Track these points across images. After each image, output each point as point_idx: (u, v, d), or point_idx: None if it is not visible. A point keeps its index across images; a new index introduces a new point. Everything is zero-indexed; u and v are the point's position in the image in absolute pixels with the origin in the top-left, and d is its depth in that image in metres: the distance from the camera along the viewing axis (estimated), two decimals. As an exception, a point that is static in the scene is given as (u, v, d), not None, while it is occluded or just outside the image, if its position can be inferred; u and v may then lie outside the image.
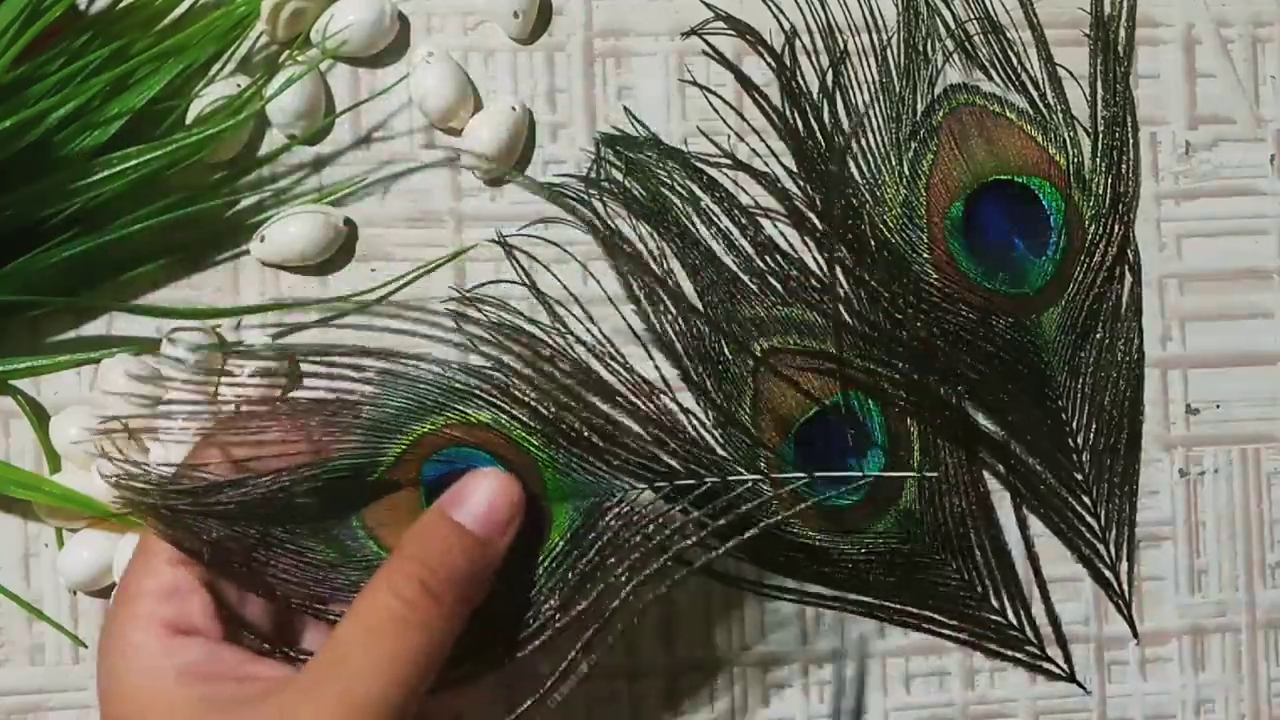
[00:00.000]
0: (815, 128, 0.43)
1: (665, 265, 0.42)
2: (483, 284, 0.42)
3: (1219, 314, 0.44)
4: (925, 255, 0.42)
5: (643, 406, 0.40)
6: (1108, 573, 0.44)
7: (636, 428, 0.36)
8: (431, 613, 0.31)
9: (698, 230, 0.42)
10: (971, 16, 0.43)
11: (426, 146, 0.42)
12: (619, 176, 0.42)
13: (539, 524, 0.36)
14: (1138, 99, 0.44)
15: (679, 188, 0.42)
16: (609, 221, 0.42)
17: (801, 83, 0.43)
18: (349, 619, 0.32)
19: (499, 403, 0.36)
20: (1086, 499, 0.43)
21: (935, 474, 0.41)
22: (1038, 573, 0.43)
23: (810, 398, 0.41)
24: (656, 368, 0.41)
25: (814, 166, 0.42)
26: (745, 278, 0.42)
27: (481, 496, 0.34)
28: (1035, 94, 0.43)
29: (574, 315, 0.42)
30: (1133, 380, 0.44)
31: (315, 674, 0.31)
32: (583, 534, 0.36)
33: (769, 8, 0.43)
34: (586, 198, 0.42)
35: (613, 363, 0.41)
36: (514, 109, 0.41)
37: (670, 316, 0.41)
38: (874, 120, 0.43)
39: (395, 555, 0.33)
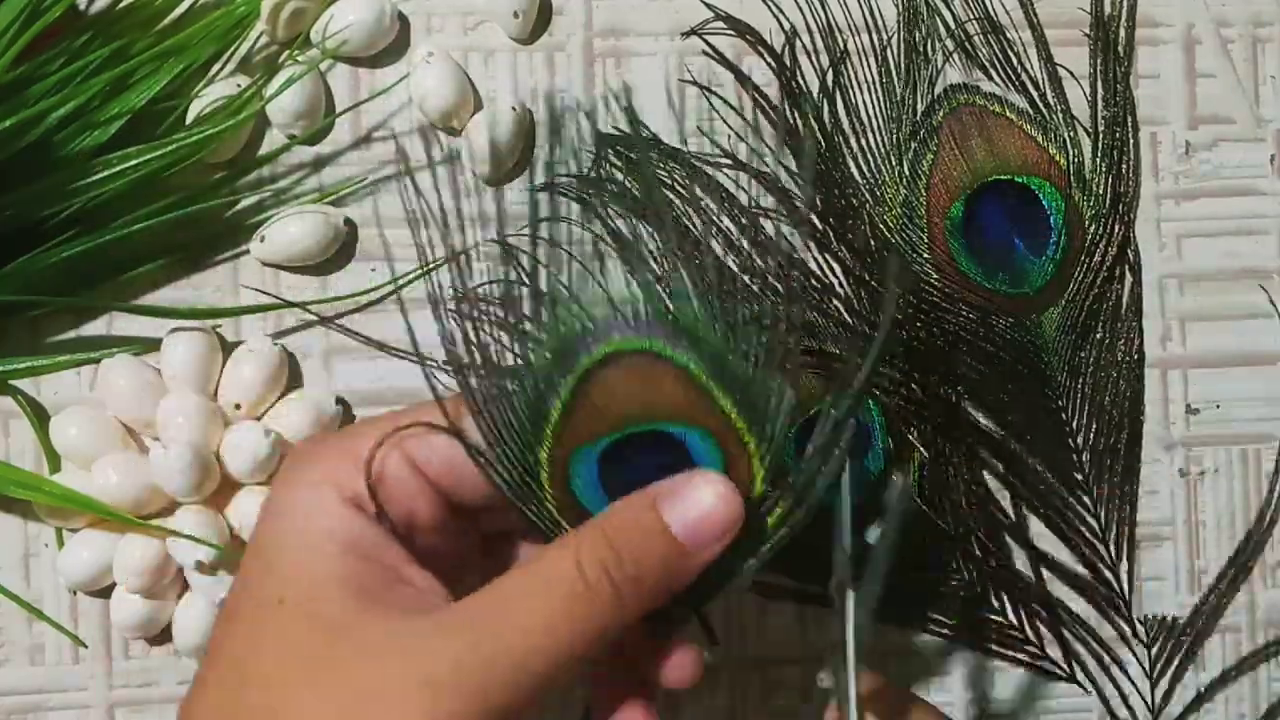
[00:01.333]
0: (815, 128, 0.43)
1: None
2: (482, 284, 0.42)
3: (1219, 314, 0.44)
4: (925, 255, 0.43)
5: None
6: (1108, 572, 0.44)
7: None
8: (606, 604, 0.29)
9: (698, 230, 0.42)
10: (971, 16, 0.43)
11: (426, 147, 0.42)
12: (619, 176, 0.42)
13: None
14: (1138, 99, 0.44)
15: (679, 188, 0.42)
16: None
17: (801, 83, 0.43)
18: (525, 569, 0.30)
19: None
20: (1086, 499, 0.43)
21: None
22: (1038, 573, 0.43)
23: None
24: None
25: (814, 166, 0.42)
26: (745, 278, 0.42)
27: (702, 504, 0.30)
28: (1035, 94, 0.43)
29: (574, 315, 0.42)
30: (1133, 380, 0.44)
31: (470, 611, 0.29)
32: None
33: (769, 8, 0.43)
34: (587, 197, 0.42)
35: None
36: (514, 109, 0.41)
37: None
38: (874, 120, 0.43)
39: (594, 527, 0.30)
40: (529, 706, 0.28)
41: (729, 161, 0.42)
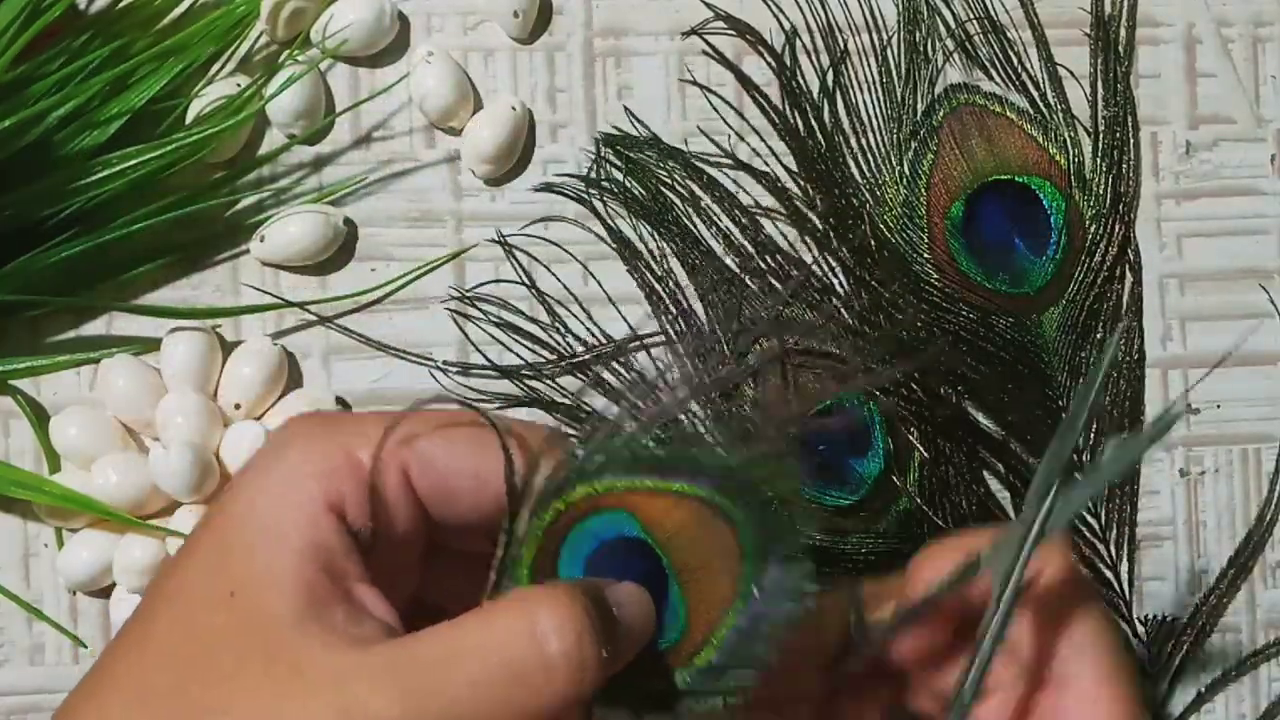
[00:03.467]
0: (815, 127, 0.43)
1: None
2: (483, 284, 0.42)
3: (1219, 314, 0.44)
4: (925, 255, 0.42)
5: (643, 406, 0.40)
6: (1108, 573, 0.44)
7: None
8: (568, 682, 0.26)
9: (698, 230, 0.42)
10: (972, 16, 0.43)
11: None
12: (619, 176, 0.42)
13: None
14: (1138, 98, 0.44)
15: (679, 188, 0.42)
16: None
17: (802, 82, 0.43)
18: (475, 635, 0.27)
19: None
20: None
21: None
22: (1038, 573, 0.43)
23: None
24: (657, 366, 0.41)
25: (814, 166, 0.42)
26: (745, 277, 0.42)
27: (636, 601, 0.29)
28: (1036, 93, 0.43)
29: (574, 315, 0.42)
30: (1133, 380, 0.44)
31: (414, 655, 0.26)
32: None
33: (769, 7, 0.43)
34: (587, 197, 0.42)
35: (614, 363, 0.41)
36: (514, 109, 0.41)
37: (671, 316, 0.41)
38: (874, 120, 0.43)
39: (568, 598, 0.27)
40: None
41: (729, 161, 0.42)
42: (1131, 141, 0.44)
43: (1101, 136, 0.44)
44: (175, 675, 0.26)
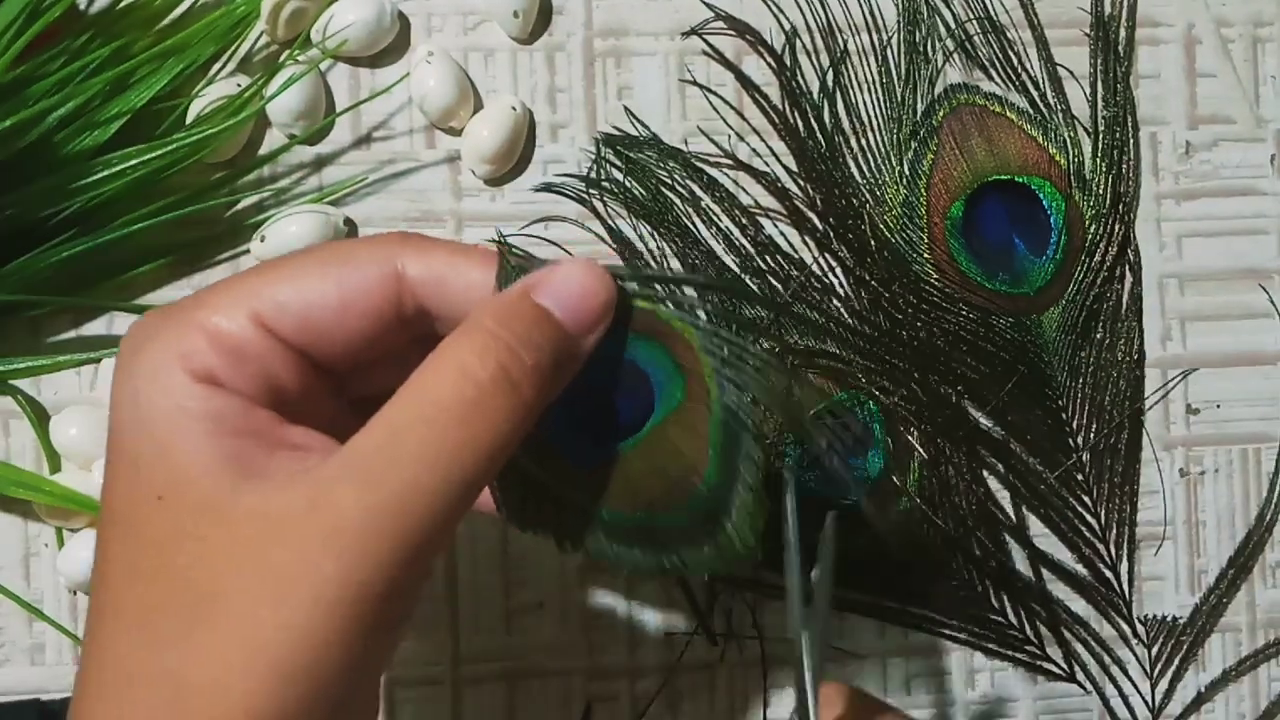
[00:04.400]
0: (815, 128, 0.43)
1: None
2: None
3: (1219, 314, 0.44)
4: (925, 255, 0.43)
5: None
6: (1108, 572, 0.44)
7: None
8: (506, 403, 0.27)
9: (698, 230, 0.42)
10: (972, 16, 0.43)
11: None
12: (619, 176, 0.42)
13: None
14: (1138, 99, 0.44)
15: (679, 188, 0.42)
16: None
17: (802, 83, 0.43)
18: (408, 396, 0.27)
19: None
20: (1086, 499, 0.43)
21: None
22: (1037, 573, 0.43)
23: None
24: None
25: (814, 166, 0.42)
26: (745, 278, 0.42)
27: (574, 284, 0.29)
28: (1035, 94, 0.43)
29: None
30: (1133, 380, 0.44)
31: (363, 455, 0.26)
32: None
33: (769, 7, 0.43)
34: (587, 197, 0.42)
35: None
36: (514, 109, 0.41)
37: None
38: (874, 120, 0.43)
39: (470, 329, 0.27)
40: (450, 531, 0.27)
41: (729, 161, 0.42)
42: (1131, 141, 0.44)
43: (1101, 136, 0.44)
44: (153, 591, 0.26)
